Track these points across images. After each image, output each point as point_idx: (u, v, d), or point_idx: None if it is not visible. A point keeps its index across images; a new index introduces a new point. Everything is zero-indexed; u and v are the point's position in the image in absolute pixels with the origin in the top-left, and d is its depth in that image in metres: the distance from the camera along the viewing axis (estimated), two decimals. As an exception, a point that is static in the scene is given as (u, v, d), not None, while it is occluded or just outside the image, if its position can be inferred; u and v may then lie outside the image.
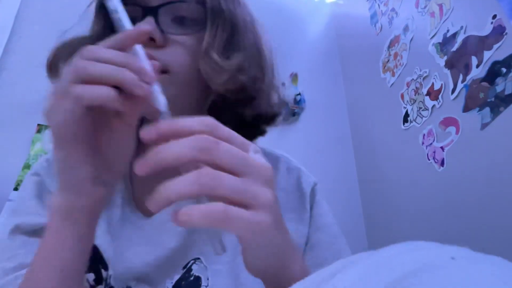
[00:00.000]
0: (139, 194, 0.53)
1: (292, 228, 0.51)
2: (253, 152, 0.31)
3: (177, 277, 0.47)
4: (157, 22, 0.44)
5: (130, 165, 0.54)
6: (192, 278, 0.46)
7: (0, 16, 1.50)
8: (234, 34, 0.49)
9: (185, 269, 0.47)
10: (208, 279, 0.46)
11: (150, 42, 0.43)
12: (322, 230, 0.53)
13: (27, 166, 1.30)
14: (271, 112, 0.53)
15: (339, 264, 0.25)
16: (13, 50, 1.47)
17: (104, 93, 0.30)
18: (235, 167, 0.28)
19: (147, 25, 0.42)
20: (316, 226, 0.53)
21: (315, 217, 0.54)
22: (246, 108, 0.50)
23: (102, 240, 0.48)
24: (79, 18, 0.52)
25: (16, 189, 1.26)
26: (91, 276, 0.46)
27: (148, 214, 0.51)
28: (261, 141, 0.62)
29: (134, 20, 0.40)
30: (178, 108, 0.46)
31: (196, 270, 0.47)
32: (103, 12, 0.49)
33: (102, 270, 0.46)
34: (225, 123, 0.31)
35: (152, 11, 0.44)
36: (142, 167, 0.28)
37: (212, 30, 0.47)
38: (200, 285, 0.46)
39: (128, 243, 0.49)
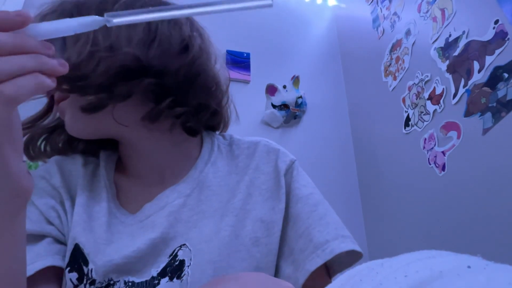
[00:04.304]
0: (122, 194, 0.56)
1: (269, 206, 0.54)
2: None
3: (162, 265, 0.48)
4: None
5: (112, 166, 0.59)
6: (177, 263, 0.48)
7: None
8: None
9: (171, 257, 0.49)
10: (191, 259, 0.48)
11: None
12: (301, 202, 0.54)
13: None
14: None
15: (350, 274, 0.25)
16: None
17: (42, 82, 0.30)
18: None
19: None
20: (296, 199, 0.55)
21: (294, 192, 0.56)
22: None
23: (82, 238, 0.49)
24: None
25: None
26: (74, 276, 0.47)
27: (132, 210, 0.54)
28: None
29: None
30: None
31: (181, 255, 0.48)
32: None
33: (84, 267, 0.48)
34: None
35: None
36: None
37: None
38: (183, 266, 0.47)
39: (111, 237, 0.50)
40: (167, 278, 0.47)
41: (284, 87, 1.78)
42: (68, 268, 0.48)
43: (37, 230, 0.50)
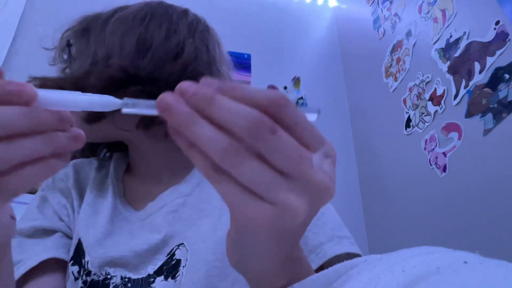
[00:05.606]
0: (129, 192, 0.58)
1: None
2: (321, 155, 0.23)
3: (160, 263, 0.49)
4: None
5: (123, 167, 0.61)
6: (173, 262, 0.49)
7: (5, 18, 1.51)
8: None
9: (168, 256, 0.49)
10: (187, 259, 0.48)
11: None
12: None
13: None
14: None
15: (348, 265, 0.25)
16: (17, 51, 1.48)
17: (51, 170, 0.25)
18: (284, 169, 0.22)
19: None
20: None
21: None
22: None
23: (84, 232, 0.52)
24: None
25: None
26: (75, 269, 0.49)
27: (137, 208, 0.55)
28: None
29: None
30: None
31: (178, 254, 0.49)
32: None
33: (82, 259, 0.50)
34: None
35: None
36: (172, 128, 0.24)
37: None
38: (179, 266, 0.48)
39: (111, 230, 0.52)
40: (162, 277, 0.48)
41: (285, 88, 1.78)
42: (71, 262, 0.50)
43: (49, 225, 0.53)
